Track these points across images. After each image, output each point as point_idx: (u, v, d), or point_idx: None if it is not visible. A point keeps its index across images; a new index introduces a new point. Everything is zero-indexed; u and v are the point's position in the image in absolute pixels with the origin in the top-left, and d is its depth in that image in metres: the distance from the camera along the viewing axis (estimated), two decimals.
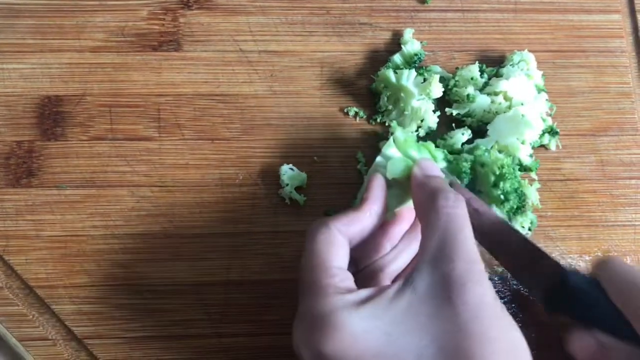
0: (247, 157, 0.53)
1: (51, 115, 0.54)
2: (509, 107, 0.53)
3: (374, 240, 0.42)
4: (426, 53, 0.56)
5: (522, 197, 0.48)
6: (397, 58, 0.55)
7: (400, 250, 0.43)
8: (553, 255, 0.44)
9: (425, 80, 0.52)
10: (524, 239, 0.43)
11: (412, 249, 0.43)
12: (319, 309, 0.34)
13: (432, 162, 0.43)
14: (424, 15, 0.58)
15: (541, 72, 0.55)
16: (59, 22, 0.56)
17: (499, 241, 0.44)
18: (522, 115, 0.51)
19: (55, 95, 0.54)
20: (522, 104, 0.52)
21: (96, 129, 0.53)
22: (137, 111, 0.54)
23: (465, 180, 0.49)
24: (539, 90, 0.54)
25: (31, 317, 0.49)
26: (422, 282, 0.34)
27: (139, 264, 0.50)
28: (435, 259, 0.34)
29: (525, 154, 0.52)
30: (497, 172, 0.48)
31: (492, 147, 0.50)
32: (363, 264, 0.43)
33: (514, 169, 0.48)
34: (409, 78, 0.52)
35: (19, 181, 0.52)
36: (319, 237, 0.38)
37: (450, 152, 0.50)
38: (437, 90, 0.52)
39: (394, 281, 0.42)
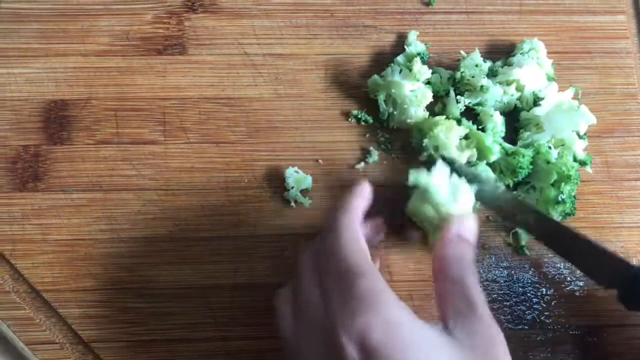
0: (252, 160, 0.53)
1: (57, 120, 0.54)
2: (520, 98, 0.53)
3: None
4: (431, 55, 0.56)
5: (575, 204, 0.49)
6: (400, 59, 0.55)
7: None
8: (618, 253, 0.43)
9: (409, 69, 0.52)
10: (587, 240, 0.43)
11: None
12: (369, 293, 0.35)
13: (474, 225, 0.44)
14: (428, 17, 0.58)
15: (551, 61, 0.55)
16: (64, 26, 0.56)
17: (563, 244, 0.45)
18: (578, 107, 0.51)
19: (61, 99, 0.54)
20: (534, 93, 0.53)
21: (102, 133, 0.54)
22: (143, 115, 0.54)
23: (522, 175, 0.49)
24: (550, 79, 0.54)
25: (38, 320, 0.50)
26: (462, 336, 0.37)
27: (145, 267, 0.51)
28: (469, 322, 0.37)
29: (579, 148, 0.52)
30: (565, 173, 0.48)
31: (550, 143, 0.51)
32: None
33: (578, 175, 0.49)
34: (393, 72, 0.53)
35: (26, 185, 0.52)
36: (343, 232, 0.39)
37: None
38: (420, 68, 0.52)
39: None
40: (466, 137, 0.51)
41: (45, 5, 0.57)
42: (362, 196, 0.43)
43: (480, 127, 0.53)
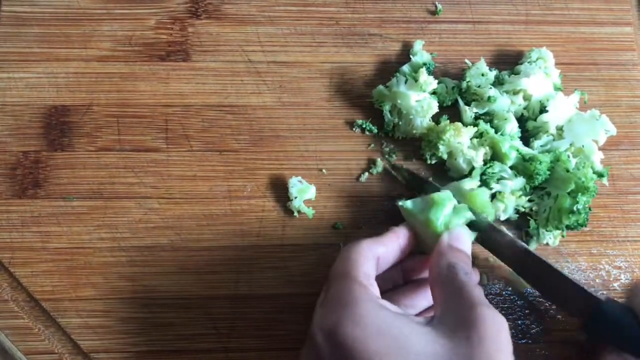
0: (255, 169, 0.53)
1: (58, 125, 0.53)
2: (527, 107, 0.53)
3: (393, 271, 0.46)
4: (436, 64, 0.56)
5: (588, 216, 0.49)
6: (406, 68, 0.55)
7: (412, 288, 0.46)
8: (586, 285, 0.46)
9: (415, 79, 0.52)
10: (557, 271, 0.45)
11: (422, 290, 0.46)
12: (346, 291, 0.37)
13: (463, 233, 0.44)
14: (434, 26, 0.57)
15: (558, 71, 0.54)
16: (66, 30, 0.55)
17: (533, 272, 0.46)
18: (599, 116, 0.51)
19: (62, 105, 0.54)
20: (541, 102, 0.53)
21: (103, 140, 0.53)
22: (145, 122, 0.53)
23: (538, 181, 0.49)
24: (556, 89, 0.54)
25: (37, 330, 0.49)
26: (451, 327, 0.36)
27: (146, 276, 0.50)
28: (455, 325, 0.36)
29: (597, 159, 0.51)
30: (584, 184, 0.47)
31: (568, 153, 0.51)
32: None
33: (596, 188, 0.48)
34: (399, 82, 0.52)
35: (25, 192, 0.51)
36: (352, 248, 0.41)
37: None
38: (426, 79, 0.51)
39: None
40: (480, 135, 0.51)
41: (47, 9, 0.56)
42: (393, 242, 0.44)
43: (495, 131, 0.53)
